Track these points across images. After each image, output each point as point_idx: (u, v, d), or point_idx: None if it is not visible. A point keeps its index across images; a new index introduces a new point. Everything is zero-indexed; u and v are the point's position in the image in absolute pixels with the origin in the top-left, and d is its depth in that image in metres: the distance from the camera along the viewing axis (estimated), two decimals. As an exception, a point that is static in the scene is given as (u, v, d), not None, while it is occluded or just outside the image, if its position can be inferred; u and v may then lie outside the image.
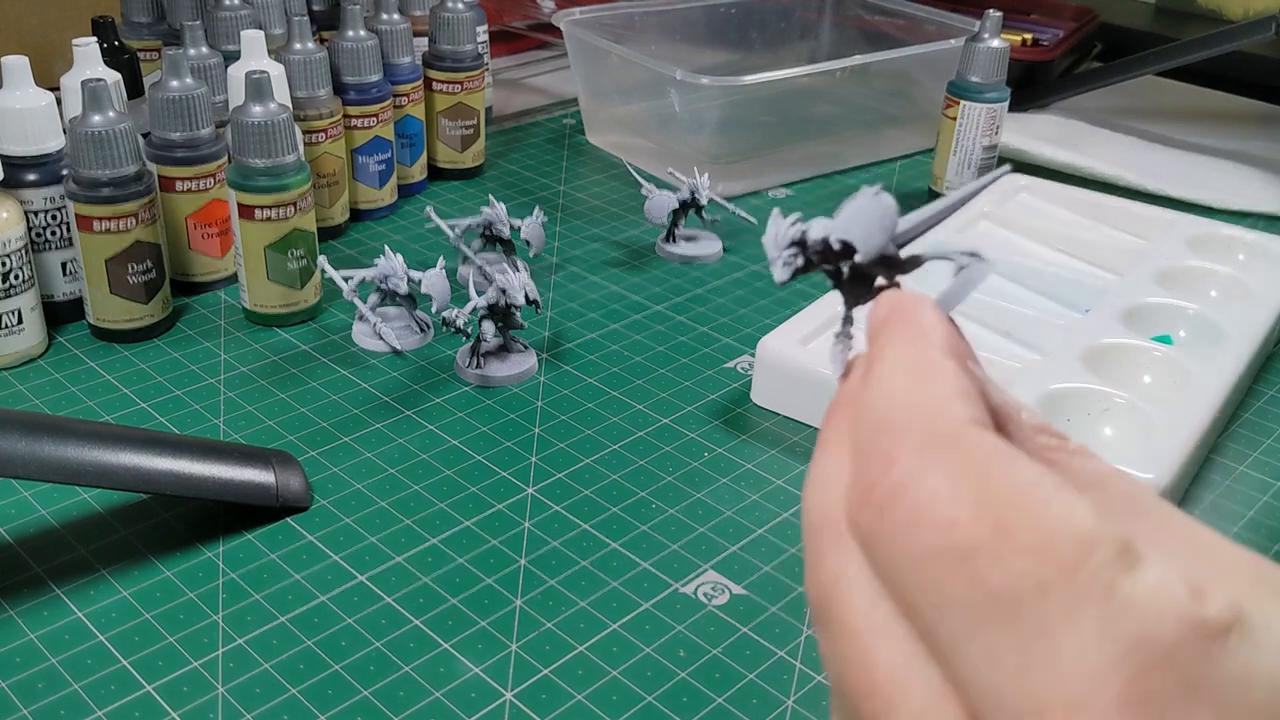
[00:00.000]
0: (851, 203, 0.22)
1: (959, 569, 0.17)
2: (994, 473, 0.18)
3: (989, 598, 0.17)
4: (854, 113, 0.88)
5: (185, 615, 0.41)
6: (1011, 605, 0.16)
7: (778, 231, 0.23)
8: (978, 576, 0.17)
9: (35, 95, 0.56)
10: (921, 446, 0.18)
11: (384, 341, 0.58)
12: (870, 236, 0.22)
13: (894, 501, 0.18)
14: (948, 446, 0.18)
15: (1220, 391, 0.52)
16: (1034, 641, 0.16)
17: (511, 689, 0.39)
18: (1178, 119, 0.95)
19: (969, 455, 0.18)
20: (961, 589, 0.17)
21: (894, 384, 0.20)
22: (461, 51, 0.77)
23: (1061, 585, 0.16)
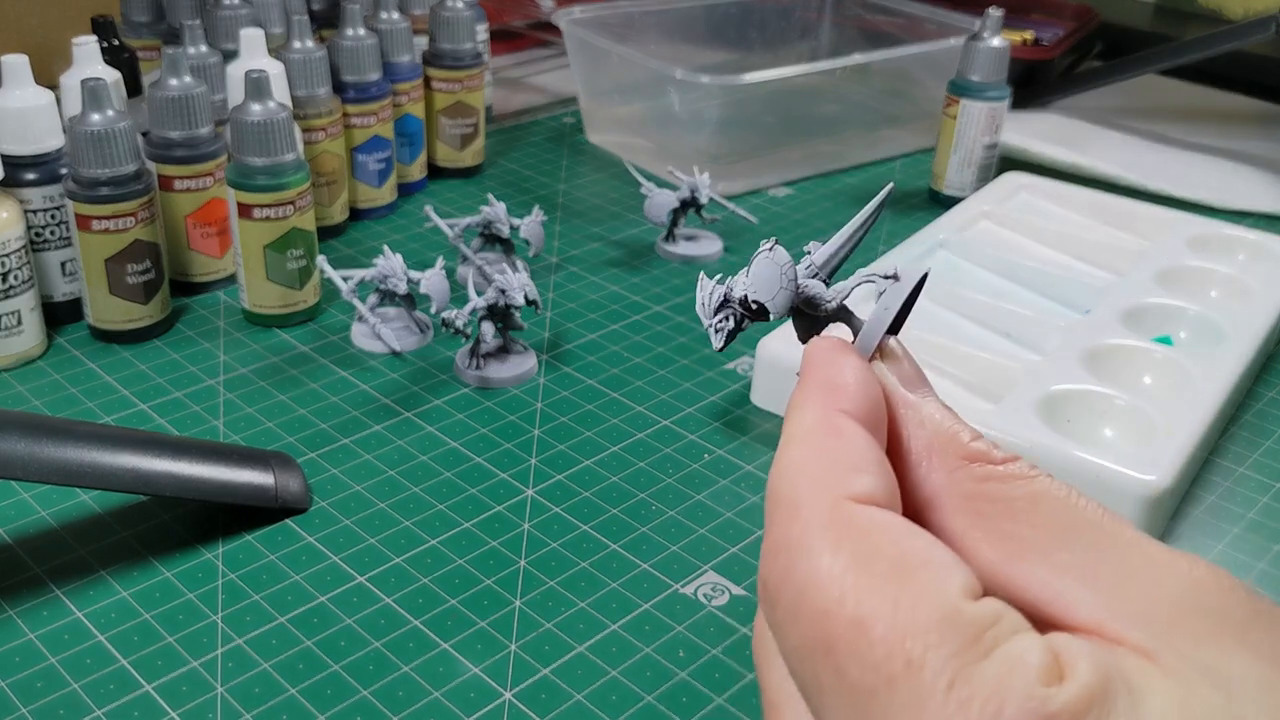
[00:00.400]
0: (753, 261, 0.24)
1: (826, 662, 0.18)
2: (870, 558, 0.18)
3: (849, 690, 0.17)
4: (854, 112, 0.88)
5: (184, 615, 0.41)
6: (867, 698, 0.17)
7: (704, 297, 0.24)
8: (840, 669, 0.17)
9: (35, 94, 0.56)
10: (804, 532, 0.19)
11: (383, 342, 0.58)
12: (774, 294, 0.23)
13: (780, 593, 0.19)
14: (832, 530, 0.19)
15: (1220, 392, 0.52)
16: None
17: (511, 689, 0.39)
18: (1178, 119, 0.95)
19: (851, 538, 0.19)
20: (830, 680, 0.18)
21: (793, 453, 0.21)
22: (461, 50, 0.77)
23: (906, 680, 0.17)
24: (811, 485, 0.20)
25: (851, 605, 0.18)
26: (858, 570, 0.18)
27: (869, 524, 0.19)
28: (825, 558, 0.18)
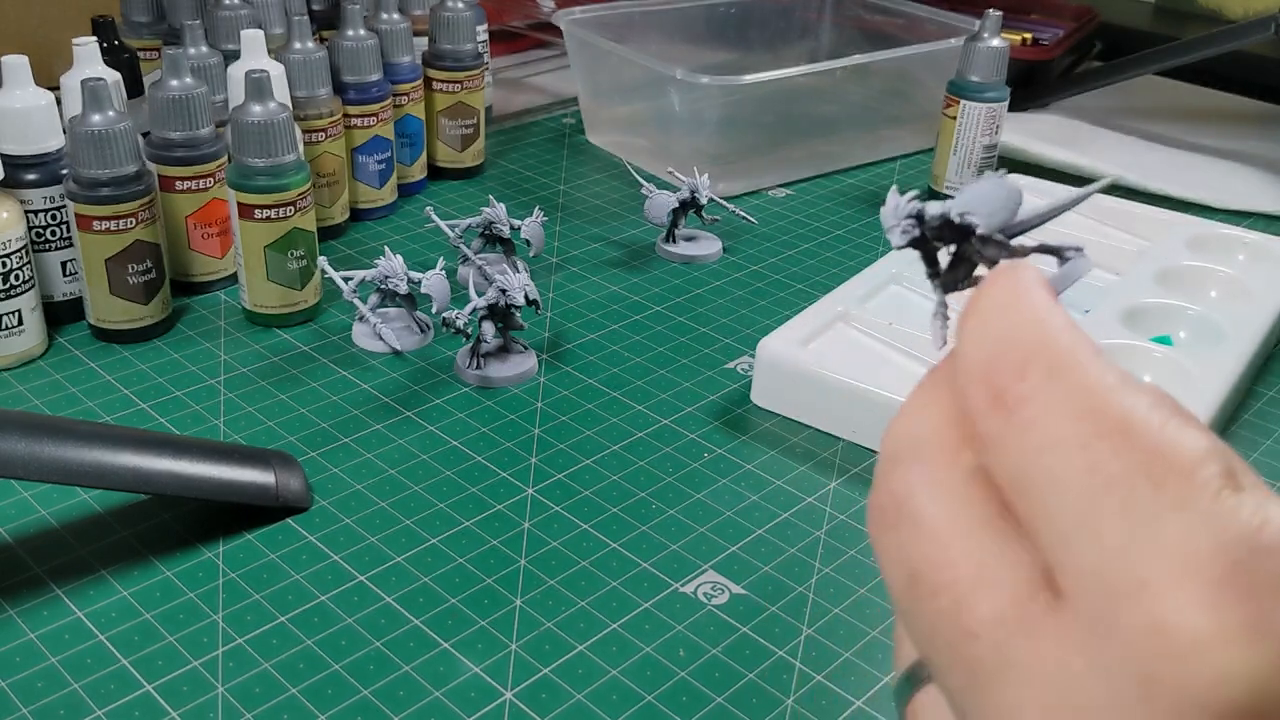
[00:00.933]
0: (976, 184, 0.23)
1: (1081, 455, 0.18)
2: (1115, 392, 0.18)
3: (1105, 483, 0.17)
4: (854, 112, 0.88)
5: (185, 615, 0.41)
6: (1126, 491, 0.17)
7: (896, 204, 0.24)
8: (1098, 463, 0.18)
9: (35, 95, 0.56)
10: (1049, 368, 0.19)
11: (384, 342, 0.58)
12: (994, 214, 0.23)
13: (1023, 404, 0.19)
14: (1072, 369, 0.19)
15: (1220, 392, 0.52)
16: (1142, 526, 0.17)
17: (511, 689, 0.39)
18: (1178, 119, 0.95)
19: (1092, 377, 0.19)
20: (1079, 475, 0.18)
21: (1006, 314, 0.20)
22: (461, 51, 0.77)
23: (1175, 481, 0.17)
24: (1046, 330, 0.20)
25: (1115, 416, 0.18)
26: (1111, 397, 0.18)
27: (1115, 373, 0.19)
28: (1078, 385, 0.19)
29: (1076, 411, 0.18)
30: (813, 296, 0.62)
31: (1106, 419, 0.18)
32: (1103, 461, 0.18)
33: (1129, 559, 0.17)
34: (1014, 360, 0.19)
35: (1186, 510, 0.17)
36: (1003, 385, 0.19)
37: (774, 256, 0.71)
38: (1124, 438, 0.18)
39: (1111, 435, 0.18)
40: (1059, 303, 0.20)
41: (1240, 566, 0.16)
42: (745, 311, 0.64)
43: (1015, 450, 0.19)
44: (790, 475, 0.50)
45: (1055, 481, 0.18)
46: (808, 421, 0.54)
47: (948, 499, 0.20)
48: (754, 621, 0.42)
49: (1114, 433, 0.18)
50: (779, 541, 0.46)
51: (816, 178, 0.84)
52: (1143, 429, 0.18)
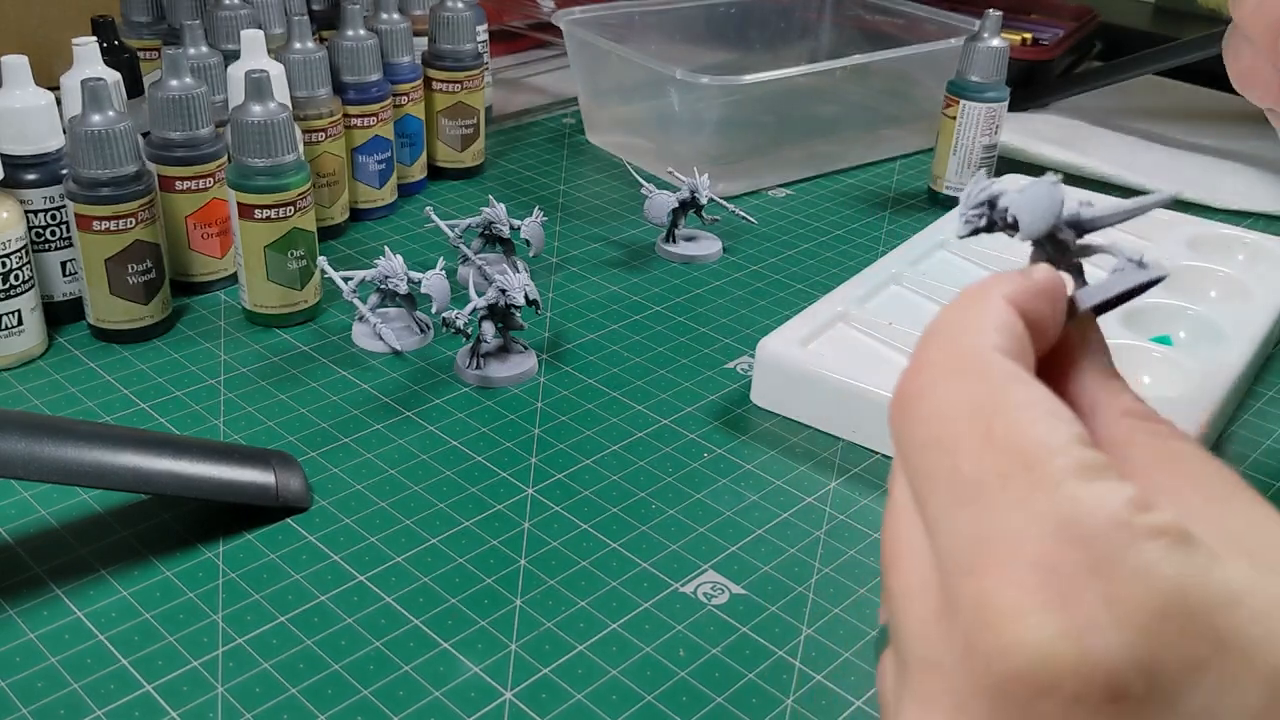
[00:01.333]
0: (1028, 186, 0.25)
1: (945, 459, 0.21)
2: (997, 391, 0.21)
3: (963, 484, 0.20)
4: (854, 112, 0.88)
5: (185, 615, 0.41)
6: (977, 490, 0.20)
7: (972, 190, 0.26)
8: (956, 466, 0.20)
9: (35, 95, 0.56)
10: (946, 360, 0.22)
11: (384, 342, 0.58)
12: (1034, 220, 0.25)
13: (914, 402, 0.22)
14: (967, 363, 0.22)
15: (1220, 392, 0.52)
16: (988, 518, 0.19)
17: (511, 689, 0.39)
18: (1178, 119, 0.95)
19: (982, 374, 0.21)
20: (945, 475, 0.21)
21: (950, 308, 0.24)
22: (461, 51, 0.77)
23: (1019, 477, 0.19)
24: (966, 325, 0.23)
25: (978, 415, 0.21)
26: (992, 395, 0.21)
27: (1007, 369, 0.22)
28: (965, 382, 0.21)
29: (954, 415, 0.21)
30: (813, 296, 0.62)
31: (972, 425, 0.21)
32: (961, 464, 0.20)
33: (973, 544, 0.19)
34: (919, 355, 0.23)
35: (1025, 503, 0.19)
36: (903, 383, 0.23)
37: (774, 256, 0.71)
38: (986, 440, 0.20)
39: (976, 437, 0.20)
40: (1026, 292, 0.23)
41: (1055, 550, 0.18)
42: (745, 311, 0.64)
43: (904, 447, 0.22)
44: (790, 475, 0.50)
45: (930, 477, 0.21)
46: (807, 421, 0.54)
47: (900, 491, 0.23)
48: (754, 621, 0.42)
49: (980, 435, 0.20)
50: (779, 541, 0.46)
51: (816, 178, 0.84)
52: (1005, 432, 0.20)
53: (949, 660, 0.19)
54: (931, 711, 0.20)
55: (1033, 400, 0.21)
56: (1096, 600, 0.18)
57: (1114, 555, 0.18)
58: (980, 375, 0.21)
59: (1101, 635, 0.18)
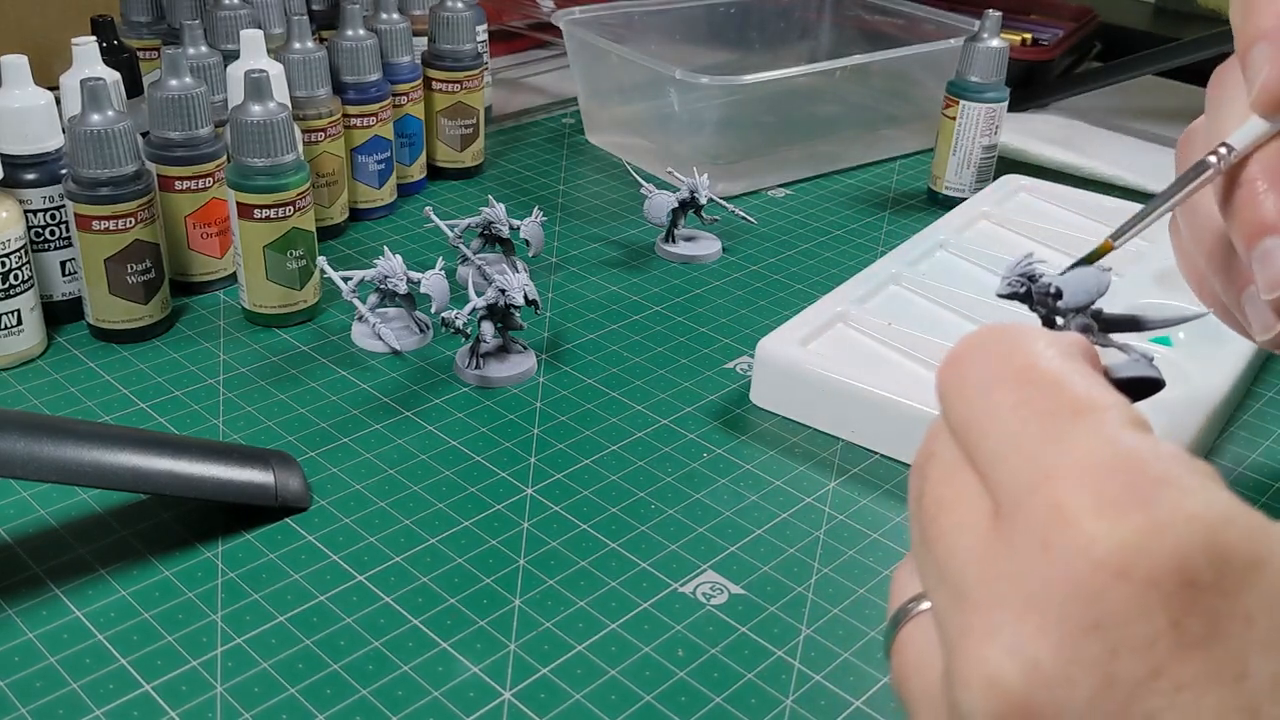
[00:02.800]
0: (1079, 270, 0.28)
1: (1015, 394, 0.23)
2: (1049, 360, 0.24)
3: (1032, 412, 0.22)
4: (854, 113, 0.88)
5: (184, 615, 0.41)
6: (1047, 419, 0.22)
7: (1015, 262, 0.30)
8: (1028, 399, 0.23)
9: (34, 94, 0.56)
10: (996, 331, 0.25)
11: (383, 342, 0.58)
12: (1075, 294, 0.28)
13: (970, 355, 0.25)
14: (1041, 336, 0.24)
15: (1220, 392, 0.52)
16: (1054, 442, 0.22)
17: (510, 689, 0.39)
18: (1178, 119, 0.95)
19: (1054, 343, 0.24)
20: (1011, 408, 0.23)
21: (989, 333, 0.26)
22: (461, 51, 0.77)
23: (1087, 414, 0.22)
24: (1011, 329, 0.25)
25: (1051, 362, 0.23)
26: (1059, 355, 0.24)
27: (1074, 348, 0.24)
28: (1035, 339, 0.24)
29: (1014, 367, 0.23)
30: (812, 296, 0.62)
31: (1039, 372, 0.23)
32: (1032, 398, 0.23)
33: (1042, 461, 0.21)
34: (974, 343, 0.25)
35: (1091, 433, 0.21)
36: (959, 354, 0.25)
37: (774, 256, 0.71)
38: (1053, 386, 0.23)
39: (1040, 383, 0.23)
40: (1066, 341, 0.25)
41: (1123, 467, 0.20)
42: (745, 311, 0.64)
43: (959, 396, 0.24)
44: (790, 475, 0.50)
45: (990, 413, 0.23)
46: (807, 421, 0.54)
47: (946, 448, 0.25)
48: (753, 621, 0.42)
49: (1044, 381, 0.23)
50: (778, 541, 0.46)
51: (816, 178, 0.84)
52: (1069, 383, 0.23)
53: (1013, 568, 0.21)
54: (998, 619, 0.20)
55: (1079, 368, 0.23)
56: (1168, 504, 0.20)
57: (1173, 475, 0.20)
58: (1050, 340, 0.24)
59: (1175, 530, 0.19)
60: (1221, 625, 0.19)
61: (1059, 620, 0.20)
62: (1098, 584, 0.19)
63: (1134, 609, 0.19)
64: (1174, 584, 0.19)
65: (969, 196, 0.74)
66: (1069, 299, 0.28)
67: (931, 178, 0.80)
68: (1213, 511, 0.20)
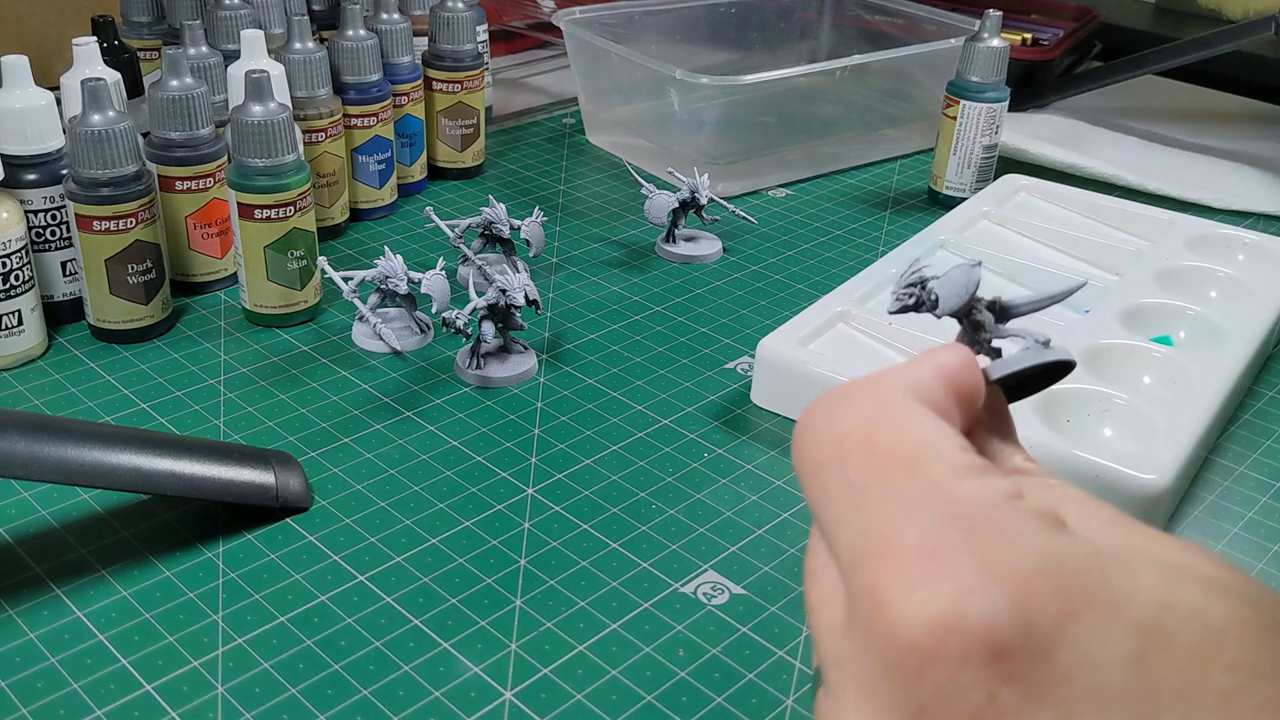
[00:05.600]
0: (948, 271, 0.28)
1: (836, 472, 0.23)
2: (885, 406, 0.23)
3: (851, 491, 0.22)
4: (854, 113, 0.88)
5: (185, 615, 0.41)
6: (863, 494, 0.22)
7: (904, 271, 0.28)
8: (846, 477, 0.22)
9: (35, 95, 0.56)
10: (840, 393, 0.24)
11: (384, 342, 0.58)
12: (950, 298, 0.27)
13: (809, 428, 0.24)
14: (859, 395, 0.24)
15: (1220, 392, 0.52)
16: (874, 515, 0.21)
17: (511, 689, 0.39)
18: (1178, 119, 0.95)
19: (873, 394, 0.24)
20: (836, 487, 0.22)
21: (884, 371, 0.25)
22: (461, 51, 0.77)
23: (901, 477, 0.21)
24: (878, 375, 0.25)
25: (867, 428, 0.23)
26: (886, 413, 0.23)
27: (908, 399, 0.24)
28: (863, 403, 0.24)
29: (833, 439, 0.23)
30: (813, 296, 0.62)
31: (855, 441, 0.23)
32: (848, 473, 0.22)
33: (862, 540, 0.21)
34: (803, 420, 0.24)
35: (905, 497, 0.21)
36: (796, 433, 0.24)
37: (774, 256, 0.71)
38: (866, 455, 0.22)
39: (856, 453, 0.22)
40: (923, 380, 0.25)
41: (930, 537, 0.20)
42: (745, 311, 0.64)
43: (801, 480, 0.24)
44: (790, 475, 0.50)
45: (824, 492, 0.23)
46: (808, 421, 0.54)
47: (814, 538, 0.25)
48: (754, 621, 0.42)
49: (860, 451, 0.22)
50: (779, 541, 0.46)
51: (816, 178, 0.84)
52: (889, 440, 0.22)
53: (853, 650, 0.21)
54: (843, 704, 0.21)
55: (918, 414, 0.23)
56: (973, 569, 0.19)
57: (989, 530, 0.20)
58: (871, 395, 0.24)
59: (978, 598, 0.19)
60: (1039, 690, 0.19)
61: (889, 708, 0.20)
62: (913, 669, 0.19)
63: (951, 690, 0.19)
64: (984, 657, 0.19)
65: (969, 196, 0.74)
66: (944, 305, 0.27)
67: (932, 177, 0.80)
68: (1020, 569, 0.19)
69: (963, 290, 0.27)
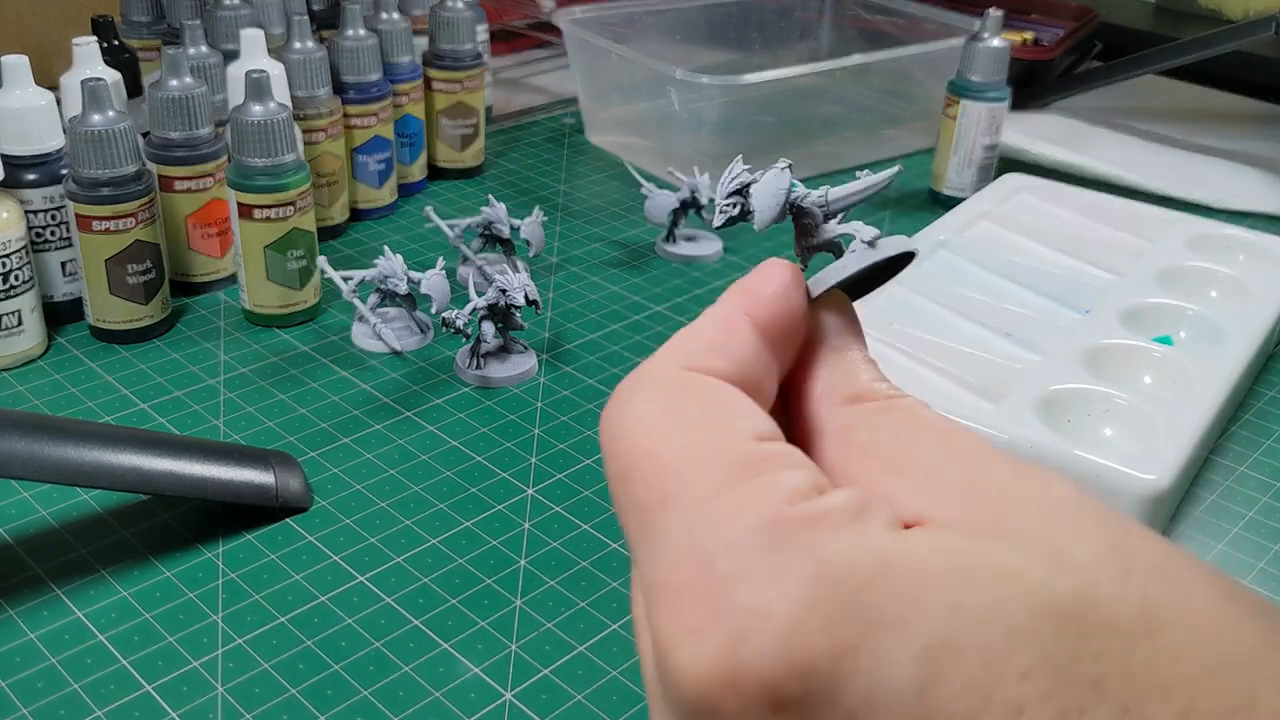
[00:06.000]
0: (762, 172, 0.26)
1: (626, 489, 0.20)
2: (680, 406, 0.21)
3: (639, 513, 0.20)
4: (854, 113, 0.88)
5: (185, 615, 0.41)
6: (645, 514, 0.20)
7: (726, 178, 0.26)
8: (633, 494, 0.20)
9: (35, 95, 0.56)
10: (636, 383, 0.22)
11: (384, 342, 0.58)
12: (764, 208, 0.25)
13: (603, 436, 0.21)
14: (657, 384, 0.21)
15: (1220, 392, 0.52)
16: (656, 541, 0.19)
17: (511, 689, 0.39)
18: (1178, 119, 0.95)
19: (671, 390, 0.21)
20: (627, 504, 0.20)
21: (679, 333, 0.23)
22: (461, 51, 0.77)
23: (678, 496, 0.19)
24: (665, 354, 0.22)
25: (647, 441, 0.20)
26: (664, 414, 0.21)
27: (692, 383, 0.21)
28: (642, 404, 0.21)
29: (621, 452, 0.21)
30: (813, 296, 0.62)
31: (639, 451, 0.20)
32: (636, 492, 0.20)
33: (650, 573, 0.19)
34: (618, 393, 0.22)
35: (670, 529, 0.19)
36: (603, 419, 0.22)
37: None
38: (653, 467, 0.20)
39: (645, 465, 0.20)
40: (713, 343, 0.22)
41: (702, 573, 0.18)
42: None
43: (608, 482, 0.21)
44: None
45: (623, 514, 0.21)
46: (808, 421, 0.54)
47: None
48: (754, 622, 0.42)
49: (648, 462, 0.20)
50: (779, 542, 0.46)
51: (816, 178, 0.83)
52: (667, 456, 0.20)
53: (656, 694, 0.19)
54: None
55: (696, 407, 0.21)
56: (742, 610, 0.17)
57: (761, 557, 0.18)
58: (652, 387, 0.21)
59: (750, 646, 0.17)
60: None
61: None
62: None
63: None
64: (764, 711, 0.17)
65: (969, 196, 0.74)
66: (759, 218, 0.25)
67: (932, 177, 0.80)
68: (793, 602, 0.17)
69: (773, 200, 0.25)
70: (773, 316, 0.23)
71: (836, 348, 0.24)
